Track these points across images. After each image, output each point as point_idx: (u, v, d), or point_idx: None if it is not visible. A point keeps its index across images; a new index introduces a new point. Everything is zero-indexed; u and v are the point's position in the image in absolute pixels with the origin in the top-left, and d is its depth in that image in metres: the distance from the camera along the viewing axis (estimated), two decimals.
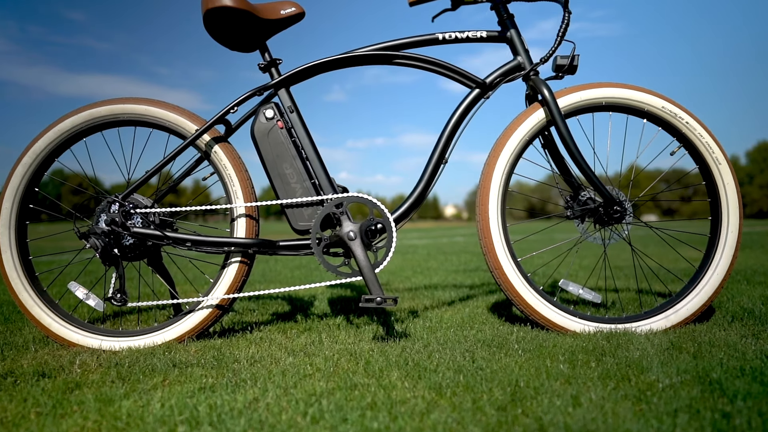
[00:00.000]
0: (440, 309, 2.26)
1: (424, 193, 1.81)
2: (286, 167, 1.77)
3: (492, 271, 1.78)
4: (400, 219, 1.80)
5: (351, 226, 1.70)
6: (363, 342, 1.65)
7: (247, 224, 1.79)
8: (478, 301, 2.46)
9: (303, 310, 2.32)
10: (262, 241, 1.74)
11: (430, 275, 3.77)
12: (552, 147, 1.91)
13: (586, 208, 1.83)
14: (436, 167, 1.82)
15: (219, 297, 1.74)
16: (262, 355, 1.53)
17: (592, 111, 1.82)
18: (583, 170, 1.75)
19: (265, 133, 1.77)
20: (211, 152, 1.79)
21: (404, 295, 2.76)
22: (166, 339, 1.72)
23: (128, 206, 1.72)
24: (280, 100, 1.82)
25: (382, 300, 1.57)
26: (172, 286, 1.93)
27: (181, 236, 1.71)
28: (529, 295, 1.75)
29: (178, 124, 1.79)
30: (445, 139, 1.82)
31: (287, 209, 1.77)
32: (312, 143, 1.80)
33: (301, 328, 1.91)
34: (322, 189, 1.78)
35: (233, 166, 1.79)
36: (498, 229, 1.77)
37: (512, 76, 1.85)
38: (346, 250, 1.74)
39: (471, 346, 1.55)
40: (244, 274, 1.78)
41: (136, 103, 1.79)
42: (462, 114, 1.84)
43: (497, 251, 1.76)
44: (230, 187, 1.79)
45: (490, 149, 1.82)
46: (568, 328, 1.72)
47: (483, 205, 1.78)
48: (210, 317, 1.75)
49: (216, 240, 1.73)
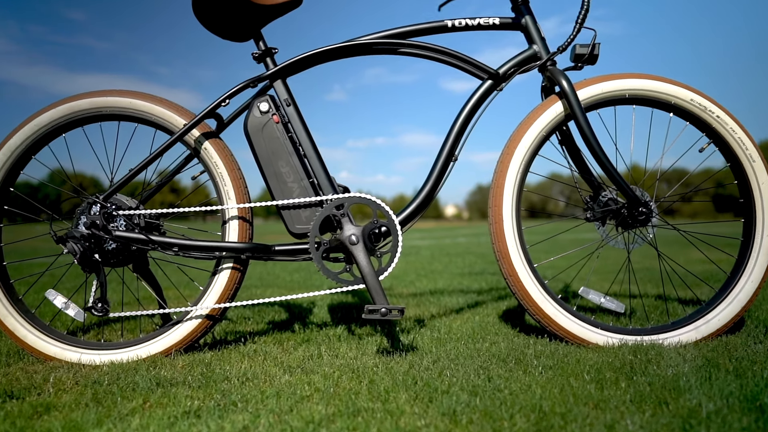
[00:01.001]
0: (448, 317, 2.13)
1: (432, 193, 1.68)
2: (282, 165, 1.63)
3: (506, 278, 1.65)
4: (406, 221, 1.67)
5: (353, 229, 1.57)
6: (366, 356, 1.52)
7: (239, 227, 1.66)
8: (488, 309, 2.32)
9: (301, 318, 2.19)
10: (256, 246, 1.61)
11: (435, 279, 3.63)
12: (570, 143, 1.78)
13: (608, 209, 1.70)
14: (445, 165, 1.69)
15: (209, 307, 1.61)
16: (255, 371, 1.39)
17: (614, 104, 1.69)
18: (605, 168, 1.62)
19: (260, 128, 1.64)
20: (200, 149, 1.66)
21: (409, 301, 2.63)
22: (151, 352, 1.59)
23: (110, 208, 1.59)
24: (276, 92, 1.69)
25: (387, 311, 1.44)
26: (160, 295, 1.80)
27: (167, 240, 1.58)
28: (547, 304, 1.61)
29: (165, 118, 1.66)
30: (454, 134, 1.69)
31: (283, 211, 1.64)
32: (310, 139, 1.67)
33: (299, 340, 1.78)
34: (322, 189, 1.65)
35: (225, 163, 1.66)
36: (513, 232, 1.63)
37: (527, 67, 1.72)
38: (347, 256, 1.61)
39: (485, 362, 1.42)
40: (236, 281, 1.65)
41: (120, 95, 1.66)
42: (473, 107, 1.70)
43: (512, 256, 1.62)
44: (221, 187, 1.66)
45: (504, 145, 1.69)
46: (589, 341, 1.59)
47: (496, 206, 1.65)
48: (199, 328, 1.62)
49: (205, 244, 1.60)
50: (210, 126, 1.70)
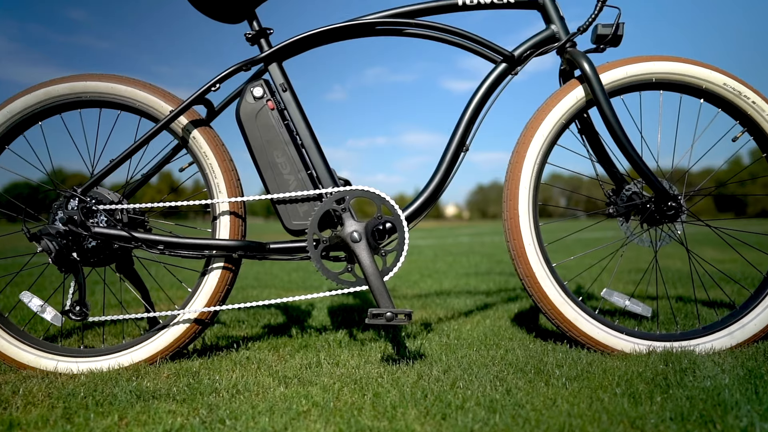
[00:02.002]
0: (457, 321, 2.01)
1: (441, 185, 1.56)
2: (278, 155, 1.51)
3: (522, 279, 1.52)
4: (412, 217, 1.54)
5: (355, 225, 1.45)
6: (369, 365, 1.39)
7: (231, 223, 1.53)
8: (499, 311, 2.20)
9: (299, 322, 2.06)
10: (249, 244, 1.48)
11: (440, 279, 3.51)
12: (591, 132, 1.65)
13: (633, 204, 1.58)
14: (455, 156, 1.56)
15: (197, 310, 1.49)
16: (247, 382, 1.27)
17: (639, 89, 1.56)
18: (631, 159, 1.49)
19: (253, 115, 1.51)
20: (188, 138, 1.54)
21: (414, 303, 2.51)
22: (134, 360, 1.47)
23: (89, 202, 1.47)
24: (271, 76, 1.56)
25: (393, 315, 1.31)
26: (146, 297, 1.68)
27: (152, 238, 1.46)
28: (567, 307, 1.49)
29: (150, 104, 1.53)
30: (465, 122, 1.57)
31: (279, 205, 1.52)
32: (309, 127, 1.55)
33: (297, 345, 1.65)
34: (321, 181, 1.52)
35: (215, 154, 1.53)
36: (530, 229, 1.51)
37: (545, 48, 1.59)
38: (349, 254, 1.48)
39: (502, 372, 1.29)
40: (227, 282, 1.52)
41: (100, 79, 1.53)
42: (486, 93, 1.58)
43: (529, 255, 1.50)
44: (211, 180, 1.53)
45: (520, 134, 1.57)
46: (613, 347, 1.46)
47: (511, 200, 1.52)
48: (187, 334, 1.50)
49: (194, 242, 1.47)
50: (199, 113, 1.58)
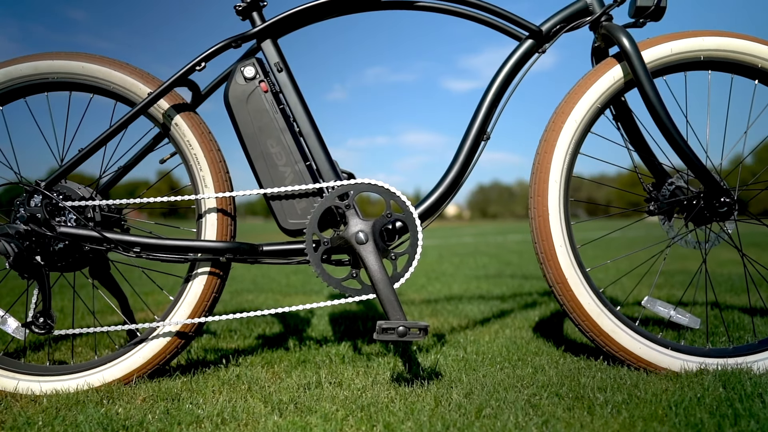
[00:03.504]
0: (473, 331, 1.83)
1: (458, 179, 1.38)
2: (272, 144, 1.34)
3: (552, 286, 1.34)
4: (426, 215, 1.36)
5: (361, 224, 1.27)
6: (378, 386, 1.22)
7: (218, 222, 1.36)
8: (518, 319, 2.02)
9: (297, 332, 1.89)
10: (239, 246, 1.31)
11: (448, 282, 3.33)
12: (628, 118, 1.48)
13: (677, 200, 1.40)
14: (475, 145, 1.39)
15: (180, 322, 1.31)
16: (235, 407, 1.10)
17: (684, 69, 1.39)
18: (678, 149, 1.32)
19: (243, 98, 1.34)
20: (170, 125, 1.36)
21: (422, 309, 2.33)
22: (106, 379, 1.29)
23: (55, 198, 1.29)
24: (265, 54, 1.39)
25: (406, 330, 1.14)
26: (124, 306, 1.51)
27: (126, 239, 1.28)
28: (604, 318, 1.31)
29: (127, 87, 1.36)
30: (486, 106, 1.39)
31: (273, 202, 1.34)
32: (307, 112, 1.37)
33: (294, 360, 1.48)
34: (321, 174, 1.35)
35: (200, 143, 1.36)
36: (561, 228, 1.33)
37: (577, 23, 1.42)
38: (353, 258, 1.31)
39: (534, 396, 1.12)
40: (214, 289, 1.35)
41: (69, 58, 1.36)
42: (510, 73, 1.40)
43: (560, 259, 1.32)
44: (196, 172, 1.36)
45: (549, 120, 1.39)
46: (659, 365, 1.29)
47: (540, 195, 1.34)
48: (167, 349, 1.32)
49: (175, 244, 1.30)
50: (183, 98, 1.41)
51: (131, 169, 1.52)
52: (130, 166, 1.51)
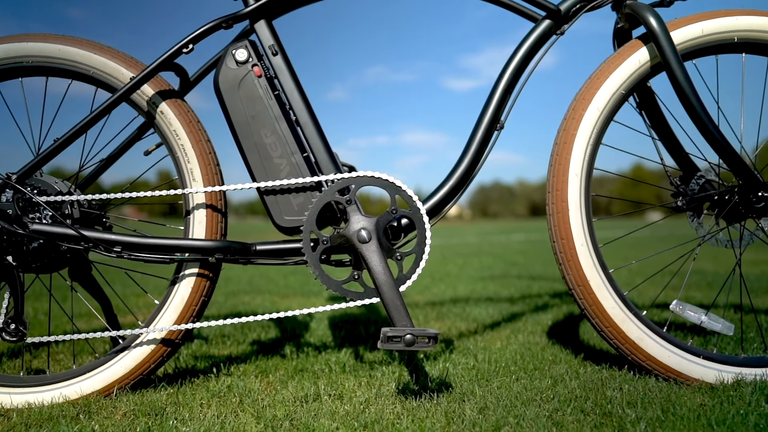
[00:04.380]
0: (482, 336, 1.73)
1: (469, 171, 1.28)
2: (266, 134, 1.23)
3: (572, 289, 1.24)
4: (435, 210, 1.26)
5: (363, 221, 1.17)
6: (382, 399, 1.12)
7: (207, 219, 1.25)
8: (529, 323, 1.92)
9: (294, 337, 1.78)
10: (230, 245, 1.20)
11: (453, 284, 3.23)
12: (652, 106, 1.37)
13: (707, 194, 1.30)
14: (488, 134, 1.28)
15: (165, 328, 1.21)
16: (224, 424, 0.99)
17: (716, 51, 1.28)
18: (712, 138, 1.21)
19: (235, 84, 1.24)
20: (155, 113, 1.26)
21: (428, 312, 2.23)
22: (83, 391, 1.19)
23: (28, 192, 1.19)
24: (258, 36, 1.28)
25: (413, 338, 1.03)
26: (108, 311, 1.41)
27: (105, 237, 1.18)
28: (630, 324, 1.21)
29: (109, 72, 1.26)
30: (500, 93, 1.29)
31: (267, 197, 1.24)
32: (305, 99, 1.27)
33: (290, 369, 1.38)
34: (320, 166, 1.24)
35: (188, 133, 1.26)
36: (582, 226, 1.23)
37: (598, 1, 1.31)
38: (355, 258, 1.21)
39: (556, 412, 1.01)
40: (203, 292, 1.25)
41: (46, 41, 1.26)
42: (525, 57, 1.30)
43: (581, 259, 1.22)
44: (183, 165, 1.26)
45: (568, 108, 1.29)
46: (690, 376, 1.18)
47: (559, 189, 1.24)
48: (152, 358, 1.22)
49: (160, 242, 1.20)
50: (170, 84, 1.30)
51: (114, 161, 1.42)
52: (114, 159, 1.42)
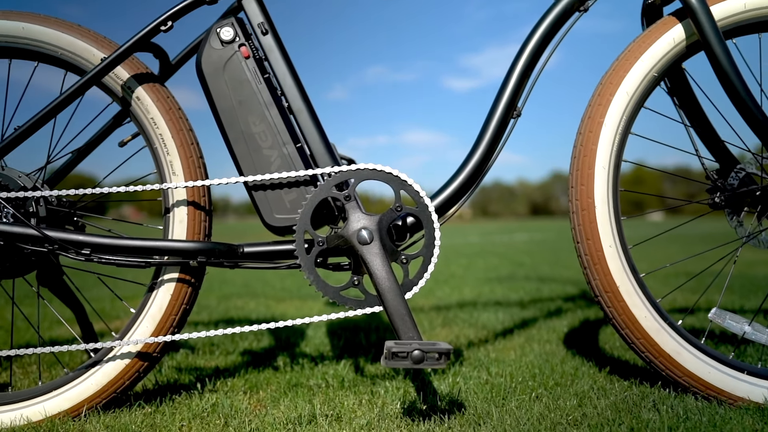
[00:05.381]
0: (494, 345, 1.60)
1: (483, 163, 1.15)
2: (255, 122, 1.11)
3: (598, 296, 1.12)
4: (445, 207, 1.14)
5: (364, 220, 1.05)
6: (386, 421, 0.99)
7: (189, 218, 1.13)
8: (542, 330, 1.79)
9: (288, 346, 1.66)
10: (214, 247, 1.08)
11: (459, 286, 3.10)
12: (685, 92, 1.25)
13: (749, 189, 1.17)
14: (503, 122, 1.16)
15: (140, 341, 1.09)
16: None
17: (760, 29, 1.16)
18: (757, 125, 1.09)
19: (220, 66, 1.11)
20: (131, 98, 1.14)
21: (433, 317, 2.10)
22: (49, 411, 1.07)
23: None
24: (246, 14, 1.16)
25: (422, 354, 0.90)
26: (82, 319, 1.28)
27: (73, 237, 1.06)
28: (665, 336, 1.08)
29: (78, 52, 1.13)
30: (516, 76, 1.16)
31: (256, 192, 1.11)
32: (299, 84, 1.14)
33: (283, 384, 1.25)
34: (315, 159, 1.12)
35: (167, 120, 1.13)
36: (610, 225, 1.11)
37: None
38: (355, 261, 1.08)
39: None
40: (184, 300, 1.12)
41: (5, 17, 1.14)
42: (544, 36, 1.17)
43: (609, 262, 1.09)
44: (162, 156, 1.14)
45: (593, 93, 1.16)
46: (736, 395, 1.06)
47: (584, 184, 1.12)
48: (126, 374, 1.10)
49: (136, 244, 1.07)
50: (148, 67, 1.18)
51: (88, 153, 1.29)
52: (87, 151, 1.29)
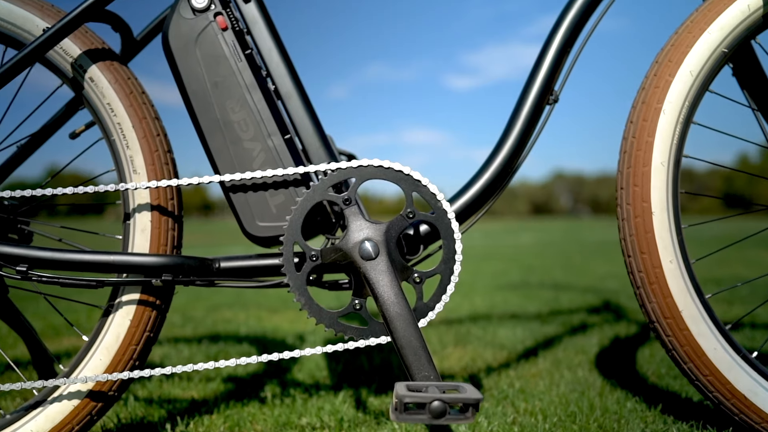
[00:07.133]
0: (517, 371, 1.41)
1: (512, 159, 0.96)
2: (233, 108, 0.92)
3: (656, 322, 0.93)
4: (467, 212, 0.95)
5: (367, 229, 0.86)
6: None
7: (153, 226, 0.94)
8: (570, 351, 1.60)
9: (278, 372, 1.47)
10: (183, 262, 0.89)
11: (469, 294, 2.91)
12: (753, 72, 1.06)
13: None
14: (537, 109, 0.97)
15: (92, 378, 0.90)
16: None
17: None
18: None
19: (191, 40, 0.93)
20: (83, 80, 0.95)
21: (443, 333, 1.91)
22: None
23: None
24: None
25: (443, 407, 0.71)
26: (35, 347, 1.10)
27: (5, 251, 0.87)
28: (740, 373, 0.90)
29: (18, 23, 0.95)
30: (553, 54, 0.97)
31: (235, 195, 0.93)
32: (288, 64, 0.96)
33: (270, 422, 1.07)
34: (308, 153, 0.93)
35: (127, 107, 0.95)
36: (670, 235, 0.92)
37: None
38: (356, 280, 0.89)
39: None
40: (147, 326, 0.93)
41: None
42: (583, 10, 0.99)
43: (670, 282, 0.91)
44: (121, 150, 0.95)
45: (647, 74, 0.97)
46: None
47: (638, 185, 0.93)
48: (75, 417, 0.91)
49: (86, 258, 0.88)
50: (105, 42, 0.99)
51: (36, 148, 1.11)
52: (35, 144, 1.10)
